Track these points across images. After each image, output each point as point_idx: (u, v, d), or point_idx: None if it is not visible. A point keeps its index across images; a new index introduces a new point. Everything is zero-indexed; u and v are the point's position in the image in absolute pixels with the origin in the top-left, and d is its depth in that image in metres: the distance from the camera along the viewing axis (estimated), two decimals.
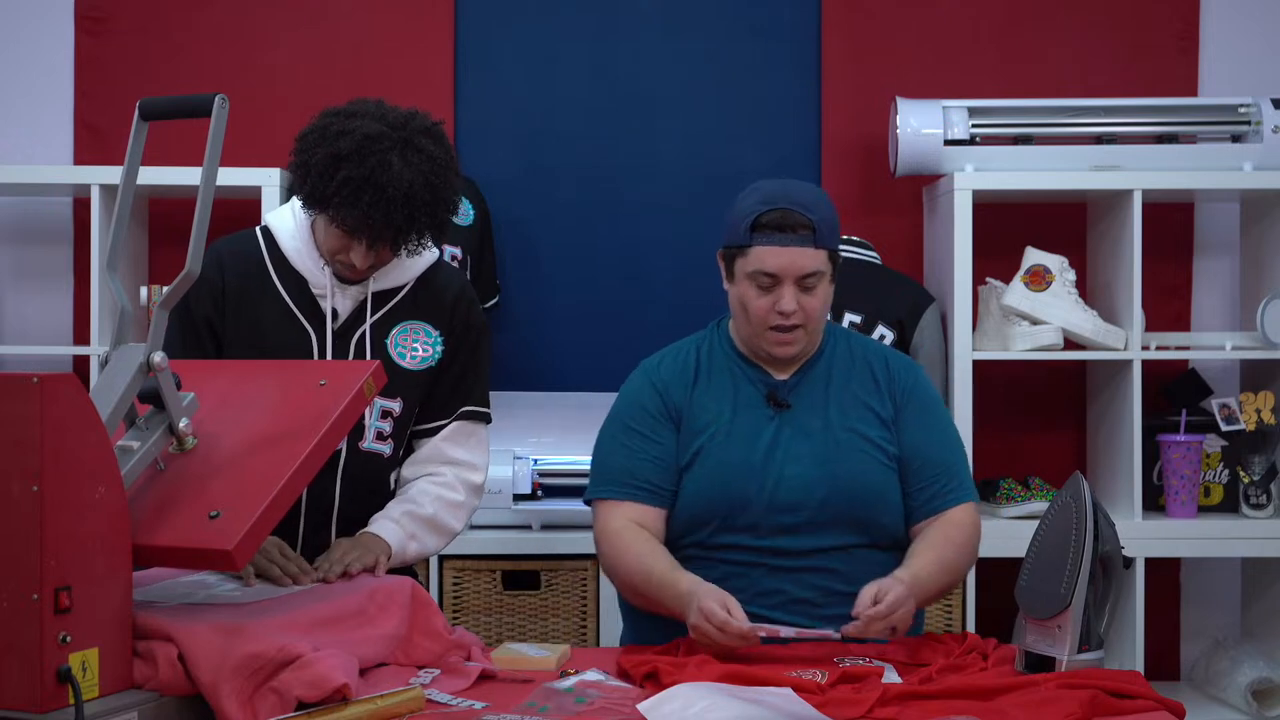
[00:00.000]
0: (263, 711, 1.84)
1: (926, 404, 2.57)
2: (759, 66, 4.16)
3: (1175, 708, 2.00)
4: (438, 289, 2.59)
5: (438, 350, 2.57)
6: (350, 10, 4.12)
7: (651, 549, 2.46)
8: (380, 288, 2.54)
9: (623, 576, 2.49)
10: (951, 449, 2.56)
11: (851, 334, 2.65)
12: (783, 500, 2.46)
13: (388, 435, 2.55)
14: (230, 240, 2.59)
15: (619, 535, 2.49)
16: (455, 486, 2.59)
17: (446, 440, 2.60)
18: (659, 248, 4.15)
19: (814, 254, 2.44)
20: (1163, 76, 4.09)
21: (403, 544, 2.48)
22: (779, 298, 2.45)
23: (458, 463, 2.61)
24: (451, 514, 2.58)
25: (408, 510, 2.52)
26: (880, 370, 2.56)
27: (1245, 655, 3.79)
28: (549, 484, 3.72)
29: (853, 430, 2.51)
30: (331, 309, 2.51)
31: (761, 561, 2.47)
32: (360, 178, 2.32)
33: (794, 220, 2.44)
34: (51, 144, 4.08)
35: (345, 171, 2.32)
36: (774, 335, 2.48)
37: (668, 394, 2.55)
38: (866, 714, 1.95)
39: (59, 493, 1.71)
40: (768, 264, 2.44)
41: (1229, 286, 4.14)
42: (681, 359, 2.59)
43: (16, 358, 3.95)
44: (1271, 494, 3.79)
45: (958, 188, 3.69)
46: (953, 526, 2.50)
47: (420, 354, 2.56)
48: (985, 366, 3.77)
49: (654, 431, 2.53)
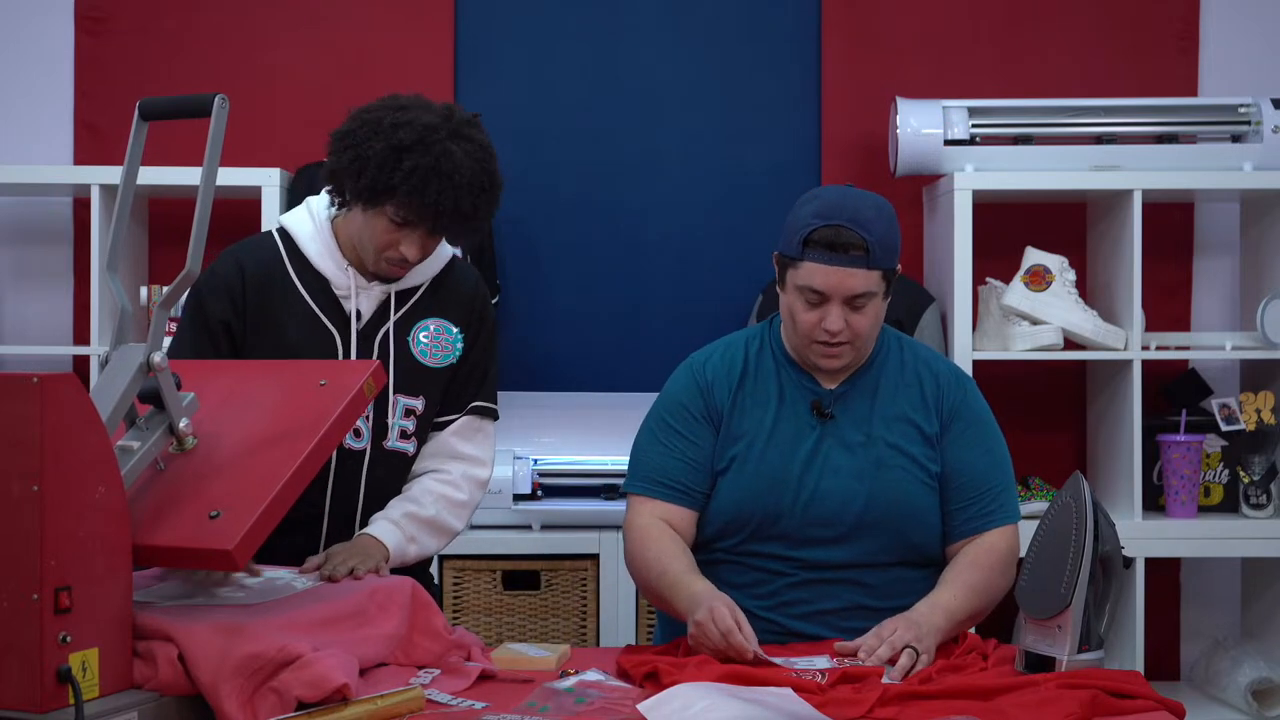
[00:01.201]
0: (263, 711, 1.84)
1: (973, 422, 2.50)
2: (759, 66, 4.16)
3: (1175, 708, 2.00)
4: (456, 284, 2.60)
5: (459, 347, 2.58)
6: (350, 10, 4.12)
7: (672, 548, 2.44)
8: (400, 287, 2.54)
9: (640, 572, 2.48)
10: (996, 469, 2.49)
11: (906, 342, 2.57)
12: (817, 513, 2.43)
13: (411, 434, 2.56)
14: (247, 243, 2.59)
15: (644, 531, 2.47)
16: (460, 485, 2.59)
17: (456, 435, 2.60)
18: (659, 248, 4.15)
19: (865, 275, 2.37)
20: (1163, 76, 4.09)
21: (402, 546, 2.48)
22: (826, 314, 2.39)
23: (466, 458, 2.61)
24: (453, 514, 2.58)
25: (409, 511, 2.52)
26: (929, 385, 2.50)
27: (1245, 655, 3.79)
28: (549, 484, 3.73)
29: (895, 446, 2.46)
30: (355, 310, 2.52)
31: (791, 571, 2.44)
32: (427, 166, 2.36)
33: (847, 239, 2.35)
34: (51, 144, 4.08)
35: (410, 161, 2.36)
36: (820, 348, 2.43)
37: (711, 394, 2.51)
38: (866, 714, 1.95)
39: (59, 493, 1.71)
40: (816, 282, 2.38)
41: (1229, 286, 4.14)
42: (729, 358, 2.54)
43: (16, 358, 3.95)
44: (1271, 494, 3.79)
45: (958, 188, 3.69)
46: (983, 551, 2.45)
47: (443, 351, 2.57)
48: (985, 366, 3.77)
49: (692, 432, 2.50)
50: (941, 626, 2.31)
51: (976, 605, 2.42)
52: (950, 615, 2.34)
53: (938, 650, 2.27)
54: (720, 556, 2.49)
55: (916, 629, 2.24)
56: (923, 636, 2.23)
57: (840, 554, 2.44)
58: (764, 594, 2.43)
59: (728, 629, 2.18)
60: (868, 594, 2.43)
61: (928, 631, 2.25)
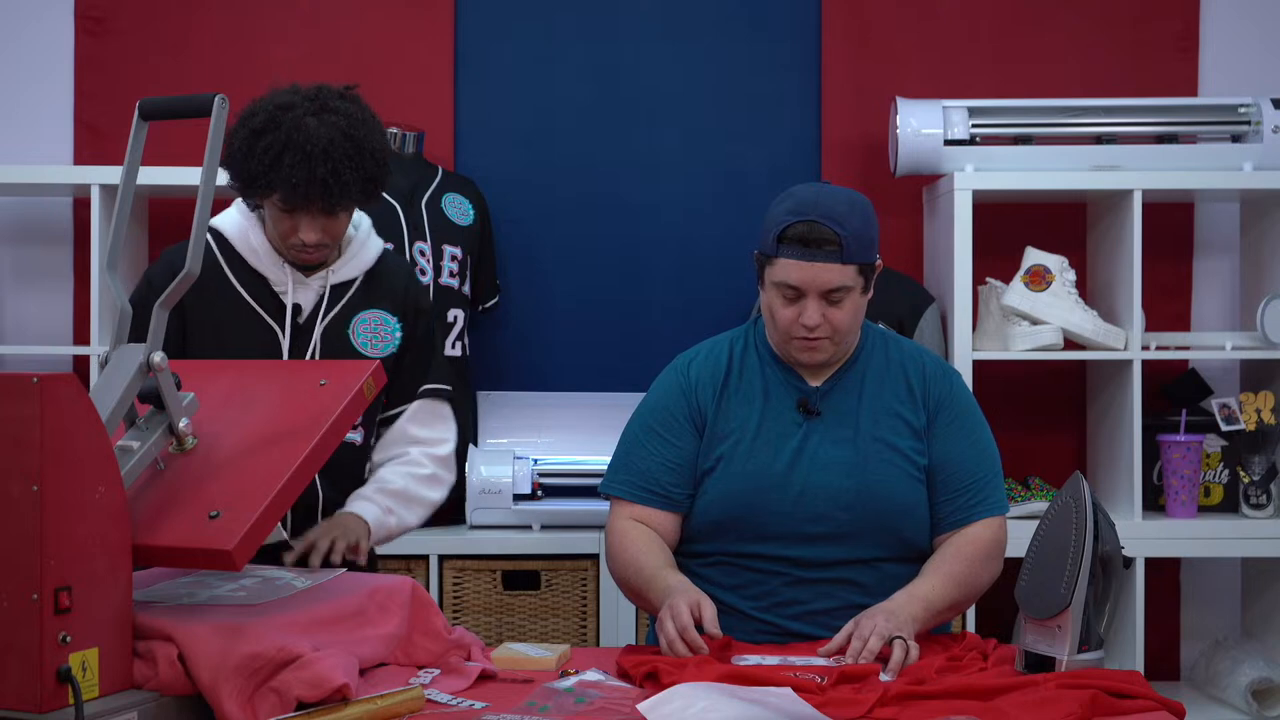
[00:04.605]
0: (263, 711, 1.84)
1: (959, 414, 2.51)
2: (759, 66, 4.16)
3: (1175, 708, 2.00)
4: (388, 276, 2.63)
5: (398, 336, 2.61)
6: (350, 10, 4.12)
7: (648, 546, 2.45)
8: (335, 280, 2.57)
9: (619, 572, 2.49)
10: (982, 461, 2.50)
11: (891, 337, 2.58)
12: (807, 509, 2.44)
13: (358, 424, 2.56)
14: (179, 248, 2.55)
15: (624, 533, 2.49)
16: (421, 462, 2.63)
17: (410, 421, 2.64)
18: (659, 248, 4.15)
19: (840, 270, 2.38)
20: (1163, 76, 4.09)
21: (380, 519, 2.52)
22: (803, 309, 2.40)
23: (421, 441, 2.64)
24: (423, 486, 2.61)
25: (379, 488, 2.57)
26: (915, 378, 2.51)
27: (1245, 655, 3.79)
28: (549, 484, 3.73)
29: (882, 441, 2.47)
30: (293, 304, 2.53)
31: (784, 571, 2.44)
32: (279, 143, 2.36)
33: (821, 234, 2.37)
34: (51, 144, 4.08)
35: (263, 142, 2.37)
36: (799, 343, 2.45)
37: (695, 396, 2.52)
38: (866, 714, 1.95)
39: (59, 493, 1.71)
40: (791, 278, 2.40)
41: (1229, 286, 4.14)
42: (714, 358, 2.55)
43: (16, 358, 3.95)
44: (1271, 494, 3.79)
45: (958, 188, 3.69)
46: (967, 542, 2.45)
47: (383, 341, 2.59)
48: (985, 366, 3.77)
49: (675, 435, 2.51)
50: (919, 616, 2.31)
51: (957, 596, 2.42)
52: (929, 605, 2.35)
53: (938, 649, 2.27)
54: (711, 559, 2.49)
55: (895, 619, 2.25)
56: (901, 626, 2.23)
57: (832, 552, 2.44)
58: (758, 595, 2.43)
59: (683, 627, 2.19)
60: (861, 593, 2.43)
61: (905, 620, 2.26)
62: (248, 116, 2.42)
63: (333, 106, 2.41)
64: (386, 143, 2.50)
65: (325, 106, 2.41)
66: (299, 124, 2.38)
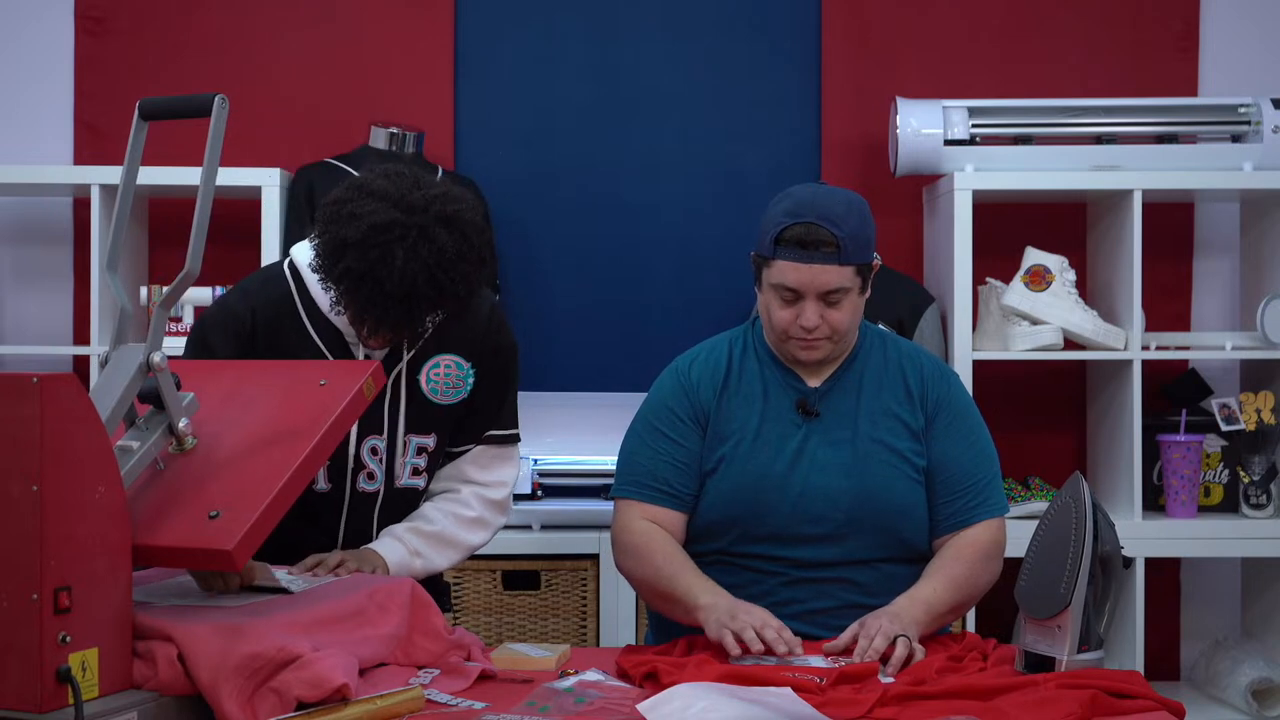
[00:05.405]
0: (263, 711, 1.84)
1: (957, 415, 2.51)
2: (759, 66, 4.16)
3: (1175, 708, 2.00)
4: (468, 318, 2.54)
5: (470, 382, 2.55)
6: (350, 10, 4.12)
7: (675, 556, 2.45)
8: None
9: (646, 581, 2.47)
10: (980, 462, 2.50)
11: (889, 338, 2.58)
12: (806, 510, 2.44)
13: (423, 469, 2.55)
14: (259, 280, 2.54)
15: (644, 538, 2.47)
16: (469, 502, 2.58)
17: (470, 462, 2.60)
18: (659, 248, 4.15)
19: (838, 271, 2.39)
20: (1163, 76, 4.10)
21: (404, 561, 2.47)
22: (801, 311, 2.41)
23: (477, 482, 2.60)
24: (464, 528, 2.56)
25: (413, 527, 2.52)
26: (914, 379, 2.51)
27: (1245, 655, 3.79)
28: (549, 484, 3.73)
29: (881, 442, 2.47)
30: (364, 354, 2.48)
31: (783, 571, 2.44)
32: (360, 271, 2.24)
33: (818, 236, 2.37)
34: (51, 144, 4.08)
35: (346, 261, 2.25)
36: (797, 342, 2.45)
37: (696, 396, 2.51)
38: (866, 714, 1.95)
39: (59, 493, 1.70)
40: (789, 279, 2.40)
41: (1229, 286, 4.14)
42: (713, 360, 2.55)
43: (16, 358, 3.95)
44: (1271, 494, 3.79)
45: (958, 188, 3.70)
46: (966, 544, 2.45)
47: (453, 388, 2.53)
48: (985, 366, 3.77)
49: (679, 434, 2.51)
50: (921, 619, 2.32)
51: (958, 598, 2.42)
52: (930, 608, 2.36)
53: (938, 648, 2.28)
54: (712, 558, 2.49)
55: (898, 621, 2.26)
56: (905, 628, 2.24)
57: (830, 552, 2.44)
58: (756, 594, 2.42)
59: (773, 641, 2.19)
60: (860, 592, 2.43)
61: (908, 623, 2.27)
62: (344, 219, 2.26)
63: (431, 235, 2.25)
64: (481, 265, 2.34)
65: (424, 233, 2.24)
66: (388, 253, 2.22)
